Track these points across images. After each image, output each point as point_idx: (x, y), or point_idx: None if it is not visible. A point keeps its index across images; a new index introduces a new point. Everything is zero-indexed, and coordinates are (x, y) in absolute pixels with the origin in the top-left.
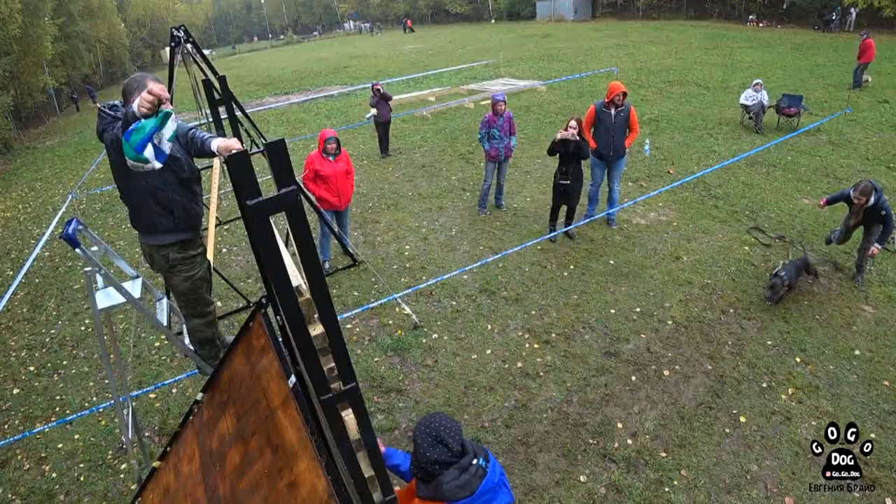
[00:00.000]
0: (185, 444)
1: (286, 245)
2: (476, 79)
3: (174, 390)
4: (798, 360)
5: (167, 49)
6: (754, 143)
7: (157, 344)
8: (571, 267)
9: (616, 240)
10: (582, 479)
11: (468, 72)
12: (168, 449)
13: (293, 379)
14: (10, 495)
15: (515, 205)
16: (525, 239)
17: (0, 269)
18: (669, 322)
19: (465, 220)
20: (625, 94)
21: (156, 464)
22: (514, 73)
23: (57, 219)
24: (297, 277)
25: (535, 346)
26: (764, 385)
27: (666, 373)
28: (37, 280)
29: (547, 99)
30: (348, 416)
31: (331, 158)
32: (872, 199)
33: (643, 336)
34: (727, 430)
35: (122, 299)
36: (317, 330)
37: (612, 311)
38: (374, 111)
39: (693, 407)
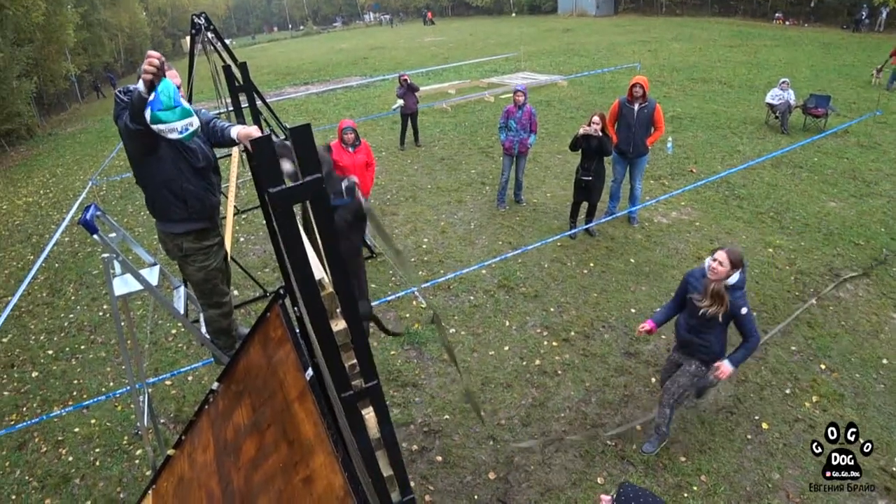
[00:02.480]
0: (200, 434)
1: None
2: (496, 72)
3: (190, 378)
4: (823, 366)
5: (188, 38)
6: (780, 144)
7: (173, 331)
8: (591, 264)
9: (637, 238)
10: (599, 480)
11: (488, 65)
12: (183, 437)
13: (310, 372)
14: (27, 477)
15: (535, 200)
16: (545, 235)
17: (21, 254)
18: None
19: (483, 215)
20: (643, 89)
21: (171, 452)
22: (534, 68)
23: (77, 204)
24: (319, 270)
25: (554, 343)
26: (787, 391)
27: None
28: (56, 265)
29: (568, 94)
30: (368, 414)
31: (350, 149)
32: (735, 277)
33: (664, 337)
34: (749, 437)
35: (139, 286)
36: (339, 325)
37: (633, 310)
38: (400, 102)
39: (714, 411)
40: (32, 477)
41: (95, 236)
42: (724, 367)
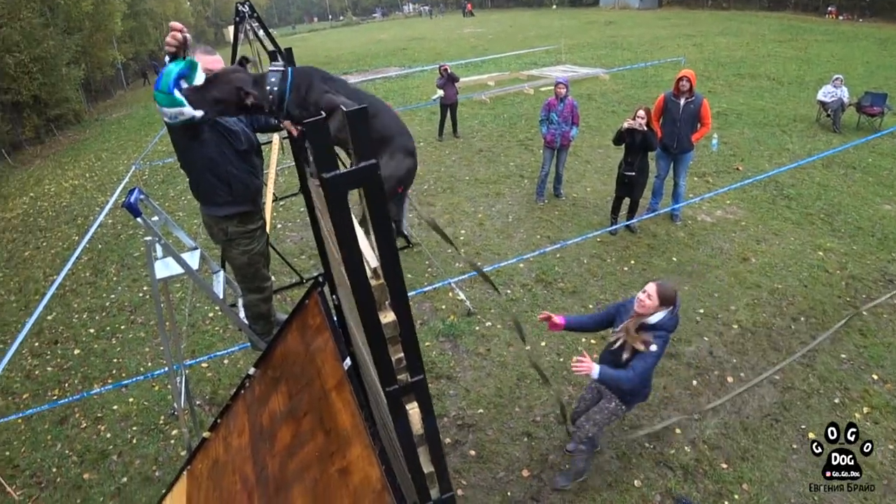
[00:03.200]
0: (236, 418)
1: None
2: (536, 64)
3: (226, 361)
4: (875, 377)
5: (230, 28)
6: (831, 143)
7: (210, 314)
8: (632, 262)
9: (680, 236)
10: (636, 483)
11: (528, 57)
12: (219, 420)
13: (348, 361)
14: (67, 451)
15: (575, 194)
16: (584, 230)
17: (67, 234)
18: (735, 326)
19: (522, 208)
20: (690, 83)
21: (206, 434)
22: (575, 60)
23: (120, 188)
24: (374, 259)
25: (592, 341)
26: (836, 401)
27: (730, 379)
28: (100, 246)
29: (610, 88)
30: (412, 409)
31: None
32: (661, 315)
33: (706, 339)
34: (794, 446)
35: (179, 270)
36: (388, 318)
37: None
38: (440, 92)
39: (758, 418)
40: (72, 451)
41: (139, 219)
42: (590, 364)
